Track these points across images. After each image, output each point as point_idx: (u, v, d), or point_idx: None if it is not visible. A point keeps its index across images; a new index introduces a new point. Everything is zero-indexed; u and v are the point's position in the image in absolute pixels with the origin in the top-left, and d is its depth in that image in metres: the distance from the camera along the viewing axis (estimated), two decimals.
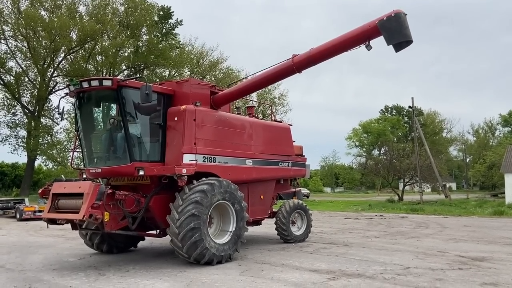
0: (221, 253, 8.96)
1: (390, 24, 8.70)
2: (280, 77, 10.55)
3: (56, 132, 47.07)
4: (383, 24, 8.72)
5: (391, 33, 8.70)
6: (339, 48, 9.51)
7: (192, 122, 9.39)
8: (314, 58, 9.72)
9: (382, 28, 8.73)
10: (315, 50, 9.67)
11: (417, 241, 12.19)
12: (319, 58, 9.77)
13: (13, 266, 9.24)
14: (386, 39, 8.76)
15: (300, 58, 9.78)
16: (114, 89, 8.84)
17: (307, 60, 9.76)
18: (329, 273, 7.87)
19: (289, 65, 9.90)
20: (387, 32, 8.72)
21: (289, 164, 12.34)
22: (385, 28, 8.71)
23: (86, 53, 45.15)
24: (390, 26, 8.70)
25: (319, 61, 9.84)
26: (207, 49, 53.99)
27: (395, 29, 8.69)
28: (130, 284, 7.33)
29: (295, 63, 9.82)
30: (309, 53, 9.70)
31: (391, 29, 8.69)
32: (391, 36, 8.72)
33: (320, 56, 9.69)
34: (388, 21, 8.71)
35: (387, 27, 8.70)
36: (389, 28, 8.70)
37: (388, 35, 8.72)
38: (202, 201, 8.65)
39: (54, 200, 8.87)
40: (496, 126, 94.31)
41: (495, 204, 33.44)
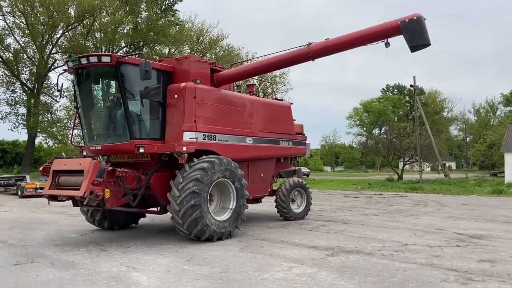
0: (222, 230, 9.04)
1: (412, 27, 9.06)
2: (294, 62, 10.62)
3: (55, 110, 47.05)
4: (405, 25, 9.06)
5: (413, 35, 9.08)
6: (357, 42, 9.75)
7: (192, 100, 9.35)
8: (331, 48, 9.90)
9: (404, 29, 9.07)
10: (333, 41, 9.82)
11: (415, 219, 12.30)
12: (336, 49, 9.98)
13: (15, 241, 9.34)
14: (408, 40, 9.13)
15: (317, 46, 9.86)
16: (113, 65, 8.76)
17: (324, 50, 9.90)
18: (328, 250, 7.96)
19: (305, 52, 9.98)
20: (409, 33, 9.09)
21: (290, 142, 12.35)
22: (407, 30, 9.06)
23: (85, 29, 44.69)
24: (412, 29, 9.06)
25: (335, 51, 10.07)
26: (207, 26, 53.33)
27: (417, 32, 9.08)
28: (131, 259, 7.42)
29: (312, 51, 9.89)
30: (327, 43, 9.84)
31: (413, 32, 9.07)
32: (412, 38, 9.10)
33: (337, 47, 9.90)
34: (410, 23, 9.05)
35: (408, 29, 9.06)
36: (411, 30, 9.06)
37: (409, 37, 9.09)
38: (203, 178, 8.68)
39: (54, 177, 8.90)
40: (498, 106, 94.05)
41: (494, 183, 33.58)
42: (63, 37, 44.57)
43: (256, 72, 11.17)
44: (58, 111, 47.13)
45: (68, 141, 46.71)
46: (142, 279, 6.15)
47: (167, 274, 6.41)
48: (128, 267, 6.88)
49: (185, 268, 6.77)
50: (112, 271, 6.60)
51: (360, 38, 9.64)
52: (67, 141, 46.22)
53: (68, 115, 47.09)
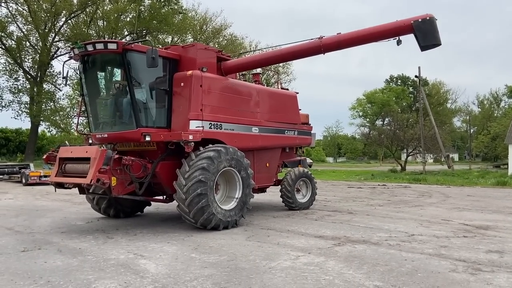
0: (227, 219, 9.03)
1: (424, 26, 9.30)
2: (305, 54, 10.57)
3: (58, 99, 47.04)
4: (418, 25, 9.28)
5: (425, 35, 9.34)
6: (370, 38, 9.92)
7: (199, 88, 9.29)
8: (343, 43, 9.97)
9: (417, 28, 9.30)
10: (345, 36, 9.90)
11: (420, 210, 12.28)
12: (348, 44, 10.07)
13: (22, 228, 9.36)
14: (421, 40, 9.38)
15: (330, 40, 9.91)
16: (119, 52, 8.69)
17: (336, 44, 9.95)
18: (334, 240, 7.95)
19: (318, 45, 9.96)
20: (422, 33, 9.33)
21: (295, 132, 12.29)
22: (420, 29, 9.29)
23: (88, 17, 44.49)
24: (425, 28, 9.30)
25: (347, 46, 10.16)
26: (210, 15, 53.06)
27: (429, 32, 9.33)
28: (138, 247, 7.43)
29: (324, 45, 9.90)
30: (339, 37, 9.90)
31: (425, 31, 9.31)
32: (425, 37, 9.36)
33: (349, 42, 10.00)
34: (423, 23, 9.29)
35: (421, 28, 9.30)
36: (423, 30, 9.30)
37: (422, 36, 9.34)
38: (209, 167, 8.65)
39: (61, 165, 8.90)
40: (502, 97, 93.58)
41: (498, 175, 33.49)
42: (66, 25, 44.40)
43: (265, 62, 11.14)
44: (61, 99, 47.20)
45: (73, 129, 46.92)
46: (150, 266, 6.15)
47: (175, 261, 6.41)
48: (136, 254, 6.89)
49: (193, 256, 6.77)
50: (119, 259, 6.61)
51: (373, 34, 9.80)
52: (70, 130, 46.32)
53: (71, 104, 47.09)
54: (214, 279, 5.54)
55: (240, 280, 5.50)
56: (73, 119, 47.04)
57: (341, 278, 5.52)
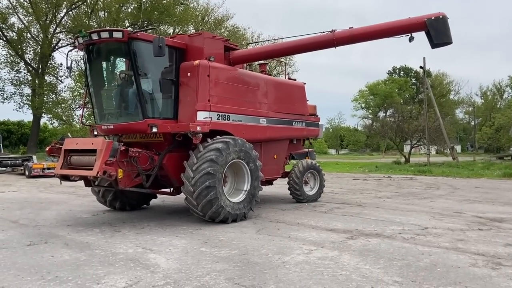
0: (236, 211, 8.86)
1: (437, 25, 9.46)
2: (317, 47, 10.45)
3: (60, 90, 46.80)
4: (432, 23, 9.43)
5: (438, 33, 9.48)
6: (382, 33, 9.97)
7: (206, 78, 9.07)
8: (356, 38, 9.96)
9: (431, 26, 9.43)
10: (358, 30, 9.91)
11: (430, 202, 12.09)
12: (360, 39, 10.11)
13: (27, 221, 9.21)
14: (434, 37, 9.49)
15: (343, 34, 9.85)
16: (125, 41, 8.47)
17: (349, 38, 9.91)
18: (347, 233, 7.78)
19: (330, 38, 9.85)
20: (435, 31, 9.47)
21: (303, 123, 12.08)
22: (433, 27, 9.43)
23: (89, 8, 44.10)
24: (438, 27, 9.46)
25: (359, 41, 10.22)
26: (212, 5, 52.66)
27: (442, 30, 9.50)
28: (146, 240, 7.26)
29: (337, 38, 9.81)
30: (352, 31, 9.88)
31: (439, 29, 9.48)
32: (438, 35, 9.50)
33: (362, 36, 10.02)
34: (436, 21, 9.45)
35: (435, 27, 9.44)
36: (437, 28, 9.46)
37: (435, 34, 9.47)
38: (217, 159, 8.46)
39: (66, 157, 8.71)
40: (505, 88, 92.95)
41: (503, 166, 33.25)
42: (67, 16, 44.04)
43: (275, 54, 10.95)
44: (63, 91, 46.97)
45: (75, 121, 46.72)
46: (160, 260, 5.99)
47: (185, 256, 6.24)
48: (144, 248, 6.72)
49: (203, 250, 6.61)
50: (128, 253, 6.45)
51: (386, 30, 9.83)
52: (72, 122, 46.12)
53: (72, 96, 46.90)
54: (227, 274, 5.37)
55: (254, 275, 5.33)
56: (75, 111, 46.99)
57: (358, 273, 5.35)
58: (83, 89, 48.76)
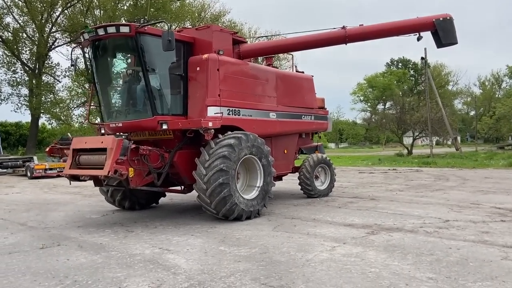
0: (250, 208, 8.65)
1: (445, 25, 9.76)
2: (327, 43, 10.44)
3: (58, 90, 46.44)
4: (440, 23, 9.72)
5: (446, 34, 9.78)
6: (392, 32, 10.21)
7: (216, 72, 8.83)
8: (367, 35, 10.22)
9: (439, 26, 9.73)
10: (369, 28, 10.03)
11: (444, 194, 11.90)
12: (371, 36, 10.34)
13: (35, 223, 8.99)
14: (442, 37, 9.77)
15: (355, 31, 9.97)
16: (132, 36, 8.22)
17: (361, 35, 10.12)
18: (366, 228, 7.58)
19: (342, 34, 9.91)
20: (443, 31, 9.77)
21: (312, 117, 11.86)
22: (441, 27, 9.73)
23: (84, 7, 43.69)
24: (446, 27, 9.76)
25: (369, 38, 10.45)
26: (208, 1, 52.18)
27: (449, 31, 9.80)
28: (162, 240, 7.05)
29: (349, 35, 9.89)
30: (364, 29, 10.01)
31: (446, 30, 9.78)
32: (445, 36, 9.80)
33: (373, 34, 10.24)
34: (444, 22, 9.75)
35: (443, 27, 9.74)
36: (444, 29, 9.76)
37: (443, 35, 9.77)
38: (230, 155, 8.24)
39: (75, 156, 8.48)
40: (503, 78, 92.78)
41: (506, 156, 33.11)
42: (63, 15, 43.61)
43: (286, 49, 10.84)
44: (60, 91, 46.60)
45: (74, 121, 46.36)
46: (180, 261, 5.78)
47: (205, 256, 6.04)
48: (161, 249, 6.51)
49: (222, 249, 6.40)
50: (145, 254, 6.24)
51: (396, 28, 10.07)
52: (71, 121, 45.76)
53: (70, 95, 46.54)
54: (252, 274, 5.17)
55: (280, 274, 5.12)
56: (74, 110, 46.62)
57: (388, 270, 5.15)
58: (81, 88, 48.48)
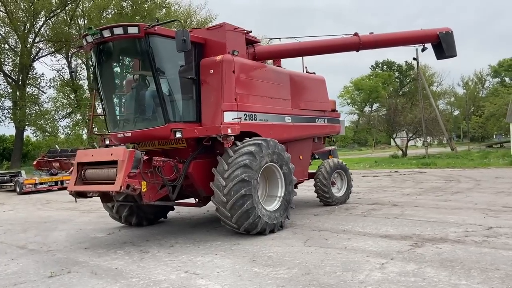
0: (273, 221, 7.96)
1: (448, 38, 10.37)
2: (340, 49, 10.56)
3: (43, 102, 45.17)
4: (444, 36, 10.34)
5: (448, 46, 10.35)
6: (401, 41, 10.77)
7: (231, 75, 8.15)
8: (378, 43, 10.55)
9: (443, 39, 10.34)
10: (382, 36, 10.49)
11: (466, 197, 11.35)
12: (382, 44, 10.74)
13: (36, 246, 8.16)
14: (445, 49, 10.36)
15: (368, 38, 10.25)
16: (141, 37, 7.50)
17: (373, 43, 10.42)
18: (406, 239, 6.94)
19: (356, 42, 10.10)
20: (446, 44, 10.33)
21: (325, 120, 11.23)
22: (445, 40, 10.33)
23: (68, 16, 42.66)
24: (448, 40, 10.36)
25: (381, 46, 10.82)
26: (194, 7, 51.62)
27: (451, 44, 10.40)
28: (184, 262, 6.32)
29: (363, 42, 10.10)
30: (376, 37, 10.38)
31: (449, 43, 10.35)
32: (448, 48, 10.37)
33: (384, 43, 10.68)
34: (446, 35, 10.36)
35: (446, 40, 10.34)
36: (447, 42, 10.34)
37: (446, 47, 10.34)
38: (251, 164, 7.55)
39: (80, 171, 7.69)
40: (486, 77, 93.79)
41: (500, 154, 33.02)
42: (46, 25, 42.49)
43: (299, 52, 10.32)
44: (45, 102, 45.33)
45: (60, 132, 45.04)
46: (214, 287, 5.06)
47: (240, 280, 5.32)
48: (188, 272, 5.78)
49: (256, 270, 5.69)
50: (171, 279, 5.50)
51: (404, 39, 10.66)
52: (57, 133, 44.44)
53: (55, 107, 45.27)
54: None
55: None
56: (59, 122, 45.29)
57: None
58: (66, 99, 47.18)
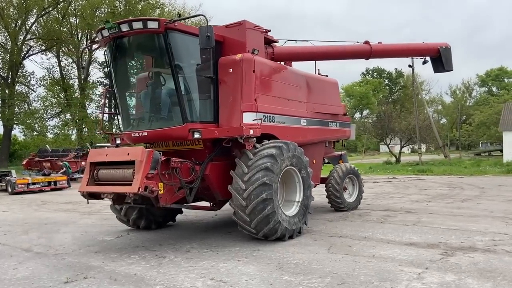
0: (292, 226, 7.69)
1: (447, 53, 10.92)
2: (352, 56, 10.85)
3: (32, 100, 44.36)
4: (443, 51, 10.87)
5: (447, 61, 10.92)
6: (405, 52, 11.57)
7: (251, 74, 7.88)
8: (388, 52, 11.08)
9: (443, 54, 10.88)
10: (390, 46, 10.96)
11: (478, 204, 11.21)
12: (391, 54, 11.30)
13: (42, 249, 7.77)
14: (445, 64, 10.94)
15: (378, 47, 10.57)
16: (161, 32, 7.20)
17: (383, 52, 10.82)
18: (434, 247, 6.72)
19: (368, 50, 10.41)
20: (445, 58, 10.88)
21: (337, 124, 11.02)
22: (444, 55, 10.89)
23: (60, 14, 42.03)
24: (447, 55, 10.91)
25: (389, 56, 11.39)
26: (188, 9, 51.21)
27: (449, 59, 10.97)
28: (207, 268, 6.01)
29: (374, 51, 10.43)
30: (385, 47, 10.79)
31: (447, 58, 10.93)
32: (447, 63, 10.93)
33: (392, 52, 11.24)
34: (446, 50, 10.91)
35: (445, 55, 10.89)
36: (446, 56, 10.90)
37: (446, 61, 10.89)
38: (273, 167, 7.28)
39: (92, 171, 7.34)
40: (473, 87, 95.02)
41: (491, 162, 33.31)
42: (37, 22, 41.75)
43: (316, 56, 10.35)
44: (35, 101, 44.52)
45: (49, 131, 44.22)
46: None
47: None
48: (214, 280, 5.48)
49: (287, 279, 5.42)
50: (197, 287, 5.19)
51: (408, 50, 11.37)
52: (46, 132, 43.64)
53: (44, 106, 44.46)
54: None
55: None
56: (48, 122, 44.46)
57: None
58: (55, 98, 46.26)
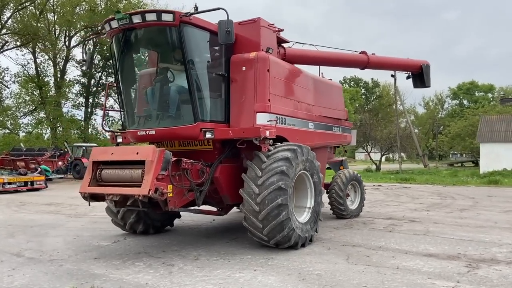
0: (305, 234, 7.34)
1: (427, 70, 11.41)
2: (349, 65, 11.18)
3: (5, 97, 42.67)
4: (425, 68, 11.36)
5: (426, 77, 11.43)
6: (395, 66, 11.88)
7: (266, 73, 7.52)
8: (382, 64, 11.28)
9: (424, 71, 11.37)
10: (383, 59, 11.19)
11: (478, 215, 11.07)
12: (384, 66, 11.54)
13: (34, 254, 7.19)
14: (425, 80, 11.45)
15: (374, 59, 10.74)
16: (175, 26, 6.78)
17: (378, 64, 10.99)
18: (455, 259, 6.48)
19: (365, 60, 10.58)
20: (426, 75, 11.39)
21: (340, 129, 10.78)
22: (425, 72, 11.38)
23: (37, 10, 40.64)
24: (427, 72, 11.41)
25: (382, 68, 11.61)
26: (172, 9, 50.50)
27: (428, 75, 11.47)
28: (223, 278, 5.60)
29: (371, 62, 10.64)
30: (380, 59, 11.00)
31: (427, 74, 11.44)
32: (426, 79, 11.45)
33: (385, 65, 11.49)
34: (426, 67, 11.41)
35: (426, 72, 11.39)
36: (426, 73, 11.40)
37: (426, 78, 11.42)
38: (288, 171, 6.93)
39: (95, 170, 6.81)
40: (445, 99, 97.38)
41: (468, 173, 33.91)
42: (13, 17, 40.20)
43: (324, 61, 10.19)
44: (7, 98, 42.84)
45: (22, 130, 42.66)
46: None
47: None
48: None
49: None
50: None
51: (398, 64, 11.58)
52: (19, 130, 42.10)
53: (17, 103, 42.91)
54: None
55: None
56: (21, 119, 42.88)
57: None
58: (29, 95, 44.69)
